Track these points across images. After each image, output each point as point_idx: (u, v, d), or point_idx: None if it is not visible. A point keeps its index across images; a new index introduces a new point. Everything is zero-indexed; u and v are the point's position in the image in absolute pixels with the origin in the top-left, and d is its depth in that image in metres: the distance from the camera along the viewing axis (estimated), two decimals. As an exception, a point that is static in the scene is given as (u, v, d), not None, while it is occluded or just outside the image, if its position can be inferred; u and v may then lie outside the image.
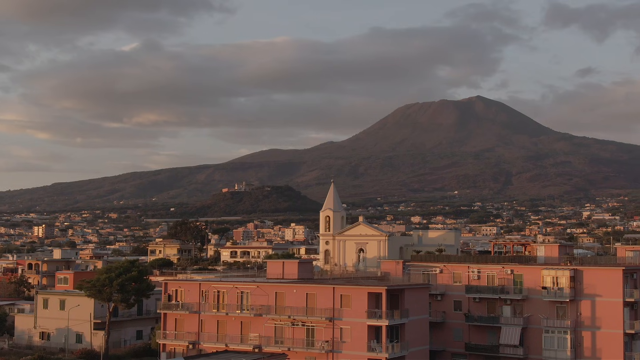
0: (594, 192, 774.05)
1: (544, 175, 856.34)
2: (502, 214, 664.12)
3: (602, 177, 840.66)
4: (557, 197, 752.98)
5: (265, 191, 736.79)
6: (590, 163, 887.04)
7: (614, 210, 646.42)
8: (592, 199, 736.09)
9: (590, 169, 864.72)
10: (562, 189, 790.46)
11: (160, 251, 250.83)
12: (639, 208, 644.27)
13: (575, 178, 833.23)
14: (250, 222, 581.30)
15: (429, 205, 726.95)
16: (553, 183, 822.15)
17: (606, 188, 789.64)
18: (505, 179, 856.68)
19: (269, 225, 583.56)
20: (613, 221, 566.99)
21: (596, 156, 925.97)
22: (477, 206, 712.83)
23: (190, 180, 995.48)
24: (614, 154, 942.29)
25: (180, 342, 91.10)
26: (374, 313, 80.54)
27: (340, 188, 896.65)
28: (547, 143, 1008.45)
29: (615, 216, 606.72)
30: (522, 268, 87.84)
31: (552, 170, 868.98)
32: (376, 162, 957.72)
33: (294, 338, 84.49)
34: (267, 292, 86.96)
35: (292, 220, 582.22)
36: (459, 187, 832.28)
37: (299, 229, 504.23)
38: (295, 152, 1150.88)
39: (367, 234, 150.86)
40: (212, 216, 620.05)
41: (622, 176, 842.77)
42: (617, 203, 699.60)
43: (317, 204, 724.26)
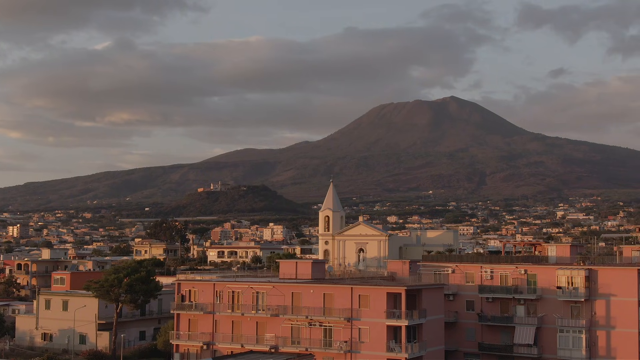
0: (567, 192, 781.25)
1: (518, 175, 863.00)
2: (477, 214, 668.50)
3: (575, 177, 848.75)
4: (531, 197, 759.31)
5: (241, 191, 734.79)
6: (563, 163, 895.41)
7: (587, 210, 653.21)
8: (565, 199, 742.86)
9: (563, 169, 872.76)
10: (535, 189, 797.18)
11: (145, 251, 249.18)
12: (612, 208, 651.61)
13: (548, 178, 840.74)
14: (227, 222, 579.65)
15: (404, 205, 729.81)
16: (526, 183, 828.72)
17: (579, 188, 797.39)
18: (479, 179, 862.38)
19: (245, 225, 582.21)
20: (587, 221, 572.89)
21: (569, 156, 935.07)
22: (452, 206, 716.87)
23: (164, 179, 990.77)
24: (586, 154, 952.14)
25: (194, 342, 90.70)
26: (393, 313, 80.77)
27: (314, 188, 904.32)
28: (520, 143, 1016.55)
29: (590, 216, 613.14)
30: (536, 268, 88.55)
31: (526, 170, 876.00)
32: (351, 162, 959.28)
33: (311, 338, 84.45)
34: (283, 292, 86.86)
35: (268, 220, 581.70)
36: (434, 187, 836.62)
37: (277, 229, 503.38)
38: (270, 151, 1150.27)
39: (367, 234, 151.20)
40: (188, 216, 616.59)
41: (595, 176, 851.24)
42: (590, 203, 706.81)
43: (294, 204, 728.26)
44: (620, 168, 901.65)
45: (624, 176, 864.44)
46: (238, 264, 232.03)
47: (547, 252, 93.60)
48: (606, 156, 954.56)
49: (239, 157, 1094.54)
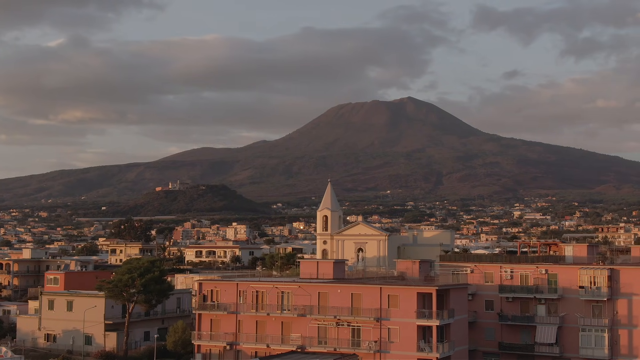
0: (522, 192, 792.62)
1: (474, 175, 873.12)
2: (435, 214, 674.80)
3: (530, 177, 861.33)
4: (487, 197, 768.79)
5: (200, 190, 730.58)
6: (518, 164, 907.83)
7: (543, 210, 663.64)
8: (520, 199, 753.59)
9: (519, 170, 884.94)
10: (491, 189, 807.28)
11: (121, 251, 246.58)
12: (568, 208, 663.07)
13: (503, 178, 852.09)
14: (187, 222, 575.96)
15: (363, 204, 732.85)
16: (482, 183, 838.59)
17: (534, 188, 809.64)
18: (436, 179, 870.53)
19: (206, 224, 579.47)
20: (545, 221, 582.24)
21: (524, 157, 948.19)
22: (410, 206, 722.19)
23: (119, 178, 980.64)
24: (541, 155, 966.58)
25: (217, 342, 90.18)
26: (423, 313, 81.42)
27: (273, 187, 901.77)
28: (476, 144, 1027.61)
29: (546, 216, 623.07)
30: (557, 268, 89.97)
31: (482, 170, 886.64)
32: (310, 162, 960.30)
33: (339, 338, 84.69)
34: (310, 292, 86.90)
35: (228, 220, 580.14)
36: (391, 186, 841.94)
37: (240, 229, 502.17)
38: (227, 150, 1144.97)
39: (367, 233, 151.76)
40: (146, 215, 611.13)
41: (550, 177, 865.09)
42: (545, 203, 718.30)
43: (253, 203, 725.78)
44: (574, 169, 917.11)
45: (577, 177, 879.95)
46: (217, 263, 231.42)
47: (564, 251, 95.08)
48: (560, 157, 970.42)
49: (196, 156, 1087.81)
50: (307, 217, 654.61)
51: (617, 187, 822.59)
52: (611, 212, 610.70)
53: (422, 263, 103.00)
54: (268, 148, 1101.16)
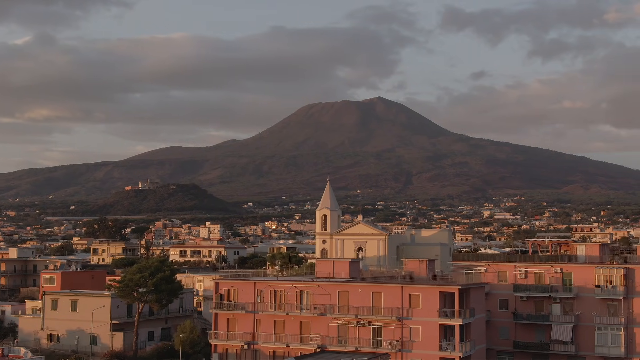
0: (491, 192, 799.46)
1: (443, 175, 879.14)
2: (406, 213, 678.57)
3: (499, 177, 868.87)
4: (456, 197, 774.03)
5: (171, 189, 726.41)
6: (486, 164, 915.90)
7: (512, 209, 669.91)
8: (489, 199, 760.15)
9: (487, 170, 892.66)
10: (460, 189, 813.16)
11: (103, 250, 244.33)
12: (536, 208, 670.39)
13: (472, 178, 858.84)
14: (158, 221, 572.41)
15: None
16: (452, 183, 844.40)
17: (503, 188, 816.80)
18: (405, 178, 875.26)
19: (177, 224, 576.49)
20: (515, 220, 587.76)
21: (492, 157, 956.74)
22: (380, 205, 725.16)
23: (87, 177, 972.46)
24: (509, 155, 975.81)
25: (235, 342, 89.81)
26: (446, 312, 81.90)
27: (244, 187, 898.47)
28: (445, 144, 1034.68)
29: (516, 215, 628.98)
30: (572, 267, 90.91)
31: (451, 170, 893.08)
32: (280, 161, 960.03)
33: (360, 337, 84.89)
34: (329, 291, 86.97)
35: (200, 219, 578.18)
36: (362, 186, 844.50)
37: (214, 228, 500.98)
38: (197, 150, 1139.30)
39: (367, 233, 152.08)
40: (116, 214, 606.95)
41: (518, 177, 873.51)
42: (514, 203, 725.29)
43: (224, 203, 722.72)
44: (542, 169, 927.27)
45: (545, 177, 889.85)
46: (203, 263, 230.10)
47: (576, 251, 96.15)
48: (528, 157, 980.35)
49: (164, 155, 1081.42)
50: (278, 217, 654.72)
51: (585, 188, 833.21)
52: (580, 212, 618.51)
53: (429, 262, 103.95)
54: (238, 147, 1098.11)
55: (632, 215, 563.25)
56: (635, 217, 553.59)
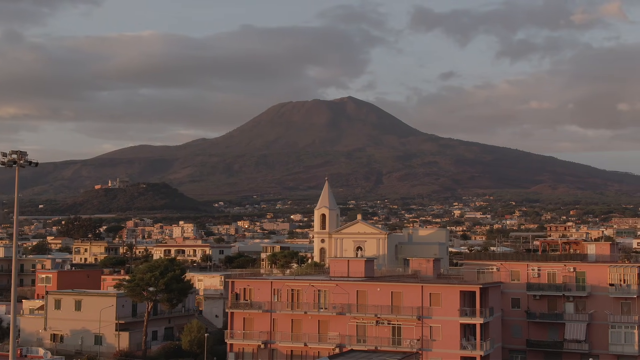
0: (460, 192, 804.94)
1: (413, 174, 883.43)
2: (377, 212, 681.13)
3: (468, 177, 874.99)
4: (427, 196, 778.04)
5: (141, 188, 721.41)
6: (456, 163, 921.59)
7: (481, 209, 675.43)
8: (459, 198, 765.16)
9: (456, 169, 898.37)
10: (430, 188, 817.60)
11: (86, 250, 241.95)
12: (506, 207, 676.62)
13: (442, 178, 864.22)
14: (129, 220, 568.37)
15: (305, 203, 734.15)
16: (422, 182, 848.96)
17: (472, 188, 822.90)
18: (376, 178, 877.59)
19: (148, 223, 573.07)
20: (486, 219, 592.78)
21: (461, 157, 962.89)
22: (351, 204, 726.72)
23: (55, 176, 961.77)
24: (478, 155, 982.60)
25: (251, 341, 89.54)
26: (466, 311, 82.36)
27: (214, 186, 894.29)
28: (414, 144, 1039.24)
29: (487, 215, 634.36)
30: (585, 266, 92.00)
31: (421, 170, 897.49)
32: (251, 160, 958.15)
33: (379, 337, 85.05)
34: (348, 290, 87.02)
35: (171, 219, 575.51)
36: (333, 185, 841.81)
37: (187, 227, 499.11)
38: (166, 148, 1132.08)
39: (366, 232, 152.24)
40: (85, 213, 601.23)
41: (487, 176, 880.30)
42: (483, 202, 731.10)
43: (195, 202, 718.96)
44: (510, 169, 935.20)
45: (514, 176, 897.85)
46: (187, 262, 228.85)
47: (587, 250, 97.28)
48: (496, 157, 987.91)
49: (133, 154, 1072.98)
50: (250, 216, 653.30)
51: (553, 187, 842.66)
52: (549, 211, 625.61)
53: (435, 261, 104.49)
54: (208, 146, 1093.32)
55: (601, 215, 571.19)
56: (604, 216, 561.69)
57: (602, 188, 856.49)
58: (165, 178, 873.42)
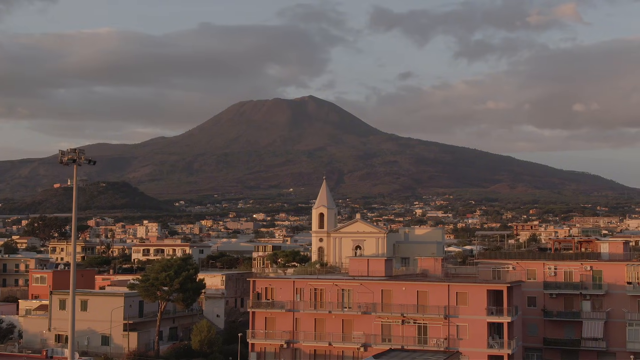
0: (420, 191, 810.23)
1: (374, 174, 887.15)
2: (340, 211, 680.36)
3: (428, 176, 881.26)
4: (387, 195, 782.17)
5: (101, 187, 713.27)
6: (415, 163, 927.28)
7: (442, 208, 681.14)
8: (419, 197, 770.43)
9: (416, 169, 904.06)
10: (391, 187, 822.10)
11: (62, 249, 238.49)
12: (466, 206, 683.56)
13: (402, 177, 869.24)
14: (90, 219, 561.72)
15: (267, 202, 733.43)
16: (382, 182, 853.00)
17: (432, 187, 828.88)
18: (337, 177, 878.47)
19: (109, 222, 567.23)
20: (447, 218, 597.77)
21: (421, 156, 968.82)
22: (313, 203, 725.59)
23: (12, 174, 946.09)
24: (437, 155, 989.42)
25: (273, 341, 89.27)
26: (492, 310, 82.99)
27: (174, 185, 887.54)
28: (375, 143, 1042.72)
29: (448, 214, 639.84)
30: (602, 264, 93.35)
31: (381, 169, 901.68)
32: (211, 159, 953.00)
33: (405, 336, 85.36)
34: (372, 289, 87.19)
35: (132, 218, 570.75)
36: (294, 184, 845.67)
37: (151, 227, 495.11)
38: (125, 147, 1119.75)
39: (365, 231, 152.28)
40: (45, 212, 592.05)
41: (446, 176, 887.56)
42: (443, 201, 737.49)
43: (156, 201, 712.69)
44: (469, 168, 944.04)
45: (472, 176, 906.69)
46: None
47: (599, 248, 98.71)
48: (455, 157, 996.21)
49: (91, 152, 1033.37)
50: (212, 215, 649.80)
51: (511, 186, 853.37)
52: (509, 210, 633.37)
53: (443, 260, 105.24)
54: (167, 144, 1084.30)
55: (561, 214, 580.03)
56: (564, 215, 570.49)
57: (559, 187, 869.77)
58: (124, 177, 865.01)
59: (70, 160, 63.35)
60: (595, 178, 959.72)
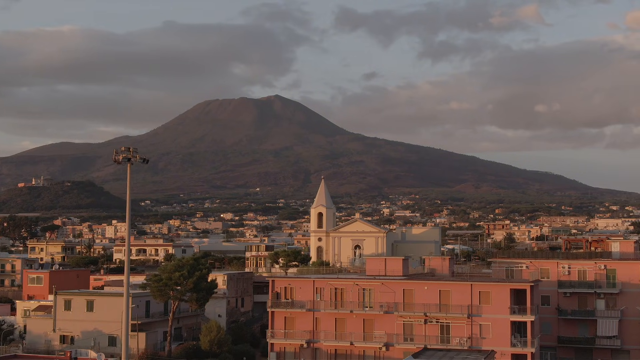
0: (387, 190, 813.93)
1: (340, 173, 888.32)
2: (308, 211, 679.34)
3: (394, 176, 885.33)
4: (354, 195, 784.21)
5: (66, 186, 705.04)
6: (382, 163, 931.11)
7: (409, 207, 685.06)
8: (386, 197, 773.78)
9: (382, 169, 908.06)
10: (357, 187, 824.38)
11: (42, 249, 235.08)
12: (432, 206, 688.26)
13: (369, 177, 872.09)
14: (56, 219, 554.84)
15: (234, 202, 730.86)
16: (349, 181, 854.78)
17: (398, 187, 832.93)
18: (304, 176, 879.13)
19: (75, 222, 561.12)
20: (415, 218, 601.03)
21: (387, 156, 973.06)
22: (281, 203, 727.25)
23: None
24: (403, 155, 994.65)
25: (293, 340, 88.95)
26: (516, 309, 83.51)
27: (139, 184, 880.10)
28: (341, 143, 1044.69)
29: (416, 213, 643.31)
30: (616, 263, 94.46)
31: (348, 169, 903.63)
32: (177, 158, 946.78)
33: (428, 335, 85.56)
34: (394, 289, 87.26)
35: (98, 217, 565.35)
36: (261, 184, 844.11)
37: (120, 227, 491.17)
38: (88, 146, 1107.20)
39: (365, 230, 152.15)
40: (9, 212, 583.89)
41: (412, 175, 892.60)
42: (410, 201, 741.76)
43: (120, 200, 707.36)
44: (434, 168, 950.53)
45: (438, 176, 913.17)
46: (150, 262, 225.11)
47: (610, 247, 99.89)
48: (421, 157, 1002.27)
49: (55, 151, 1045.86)
50: (179, 215, 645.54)
51: (476, 186, 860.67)
52: (474, 210, 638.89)
53: (450, 260, 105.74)
54: (131, 143, 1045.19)
55: (527, 214, 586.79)
56: (530, 215, 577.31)
57: (523, 187, 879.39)
58: (88, 176, 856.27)
59: (125, 159, 62.74)
60: (558, 178, 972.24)
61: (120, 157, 63.71)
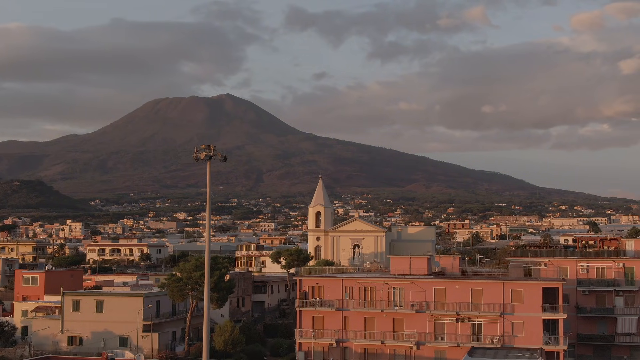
0: (339, 190, 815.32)
1: (293, 173, 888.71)
2: (261, 210, 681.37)
3: (346, 176, 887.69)
4: (307, 194, 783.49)
5: (15, 186, 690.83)
6: (334, 162, 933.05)
7: (361, 207, 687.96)
8: (338, 197, 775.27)
9: (334, 168, 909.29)
10: (310, 187, 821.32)
11: (12, 249, 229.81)
12: (385, 205, 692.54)
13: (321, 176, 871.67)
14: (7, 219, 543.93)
15: (186, 201, 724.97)
16: (301, 181, 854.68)
17: (350, 186, 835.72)
18: (256, 176, 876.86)
19: (26, 222, 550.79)
20: (369, 217, 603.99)
21: (339, 156, 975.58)
22: (234, 202, 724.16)
23: None
24: (354, 154, 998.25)
25: (322, 340, 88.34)
26: (547, 307, 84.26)
27: (88, 183, 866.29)
28: (293, 142, 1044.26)
29: (370, 212, 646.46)
30: (633, 261, 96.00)
31: (300, 168, 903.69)
32: (126, 157, 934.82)
33: (459, 333, 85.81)
34: (424, 288, 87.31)
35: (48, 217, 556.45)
36: (212, 183, 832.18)
37: (75, 226, 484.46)
38: (35, 144, 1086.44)
39: (364, 229, 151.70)
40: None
41: (364, 175, 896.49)
42: (362, 200, 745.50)
43: (71, 200, 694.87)
44: (385, 168, 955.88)
45: (389, 175, 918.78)
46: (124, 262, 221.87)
47: (625, 246, 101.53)
48: (372, 156, 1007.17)
49: (1, 150, 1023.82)
50: (131, 215, 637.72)
51: (427, 186, 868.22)
52: (427, 209, 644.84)
53: (461, 259, 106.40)
54: (79, 142, 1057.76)
55: (479, 213, 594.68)
56: (482, 214, 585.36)
57: (473, 187, 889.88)
58: (35, 175, 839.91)
59: (207, 157, 61.93)
60: (506, 178, 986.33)
61: (202, 154, 62.51)
